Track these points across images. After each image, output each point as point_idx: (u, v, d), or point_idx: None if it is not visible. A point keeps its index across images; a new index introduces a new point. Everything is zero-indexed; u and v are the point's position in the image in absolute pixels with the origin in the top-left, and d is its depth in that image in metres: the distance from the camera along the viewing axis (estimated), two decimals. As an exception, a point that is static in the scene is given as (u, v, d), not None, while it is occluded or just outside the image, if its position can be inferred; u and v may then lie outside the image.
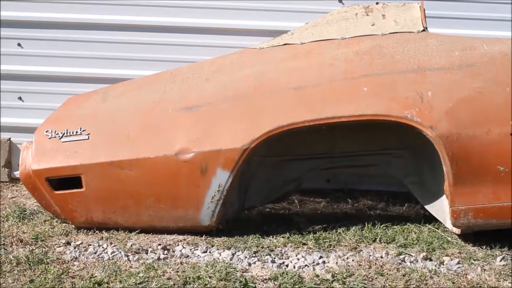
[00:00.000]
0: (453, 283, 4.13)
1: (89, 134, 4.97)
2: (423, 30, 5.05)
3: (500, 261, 4.53)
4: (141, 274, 4.19)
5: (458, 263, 4.49)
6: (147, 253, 4.58)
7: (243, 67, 5.14)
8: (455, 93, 4.65)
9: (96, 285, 4.08)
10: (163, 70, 5.51)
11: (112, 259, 4.49)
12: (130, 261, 4.45)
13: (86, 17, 6.33)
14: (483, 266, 4.44)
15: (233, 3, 6.31)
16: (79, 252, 4.61)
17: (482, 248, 4.74)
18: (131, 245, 4.67)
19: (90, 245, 4.72)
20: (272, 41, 5.29)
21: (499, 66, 4.72)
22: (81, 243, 4.75)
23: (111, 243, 4.74)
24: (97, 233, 4.94)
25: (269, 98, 4.89)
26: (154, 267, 4.32)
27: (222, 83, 5.06)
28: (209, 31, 6.32)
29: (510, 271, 4.34)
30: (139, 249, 4.63)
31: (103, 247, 4.66)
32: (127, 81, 5.52)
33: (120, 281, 4.13)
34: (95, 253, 4.60)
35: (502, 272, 4.32)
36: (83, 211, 4.95)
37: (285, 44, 5.19)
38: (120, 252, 4.57)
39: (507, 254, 4.65)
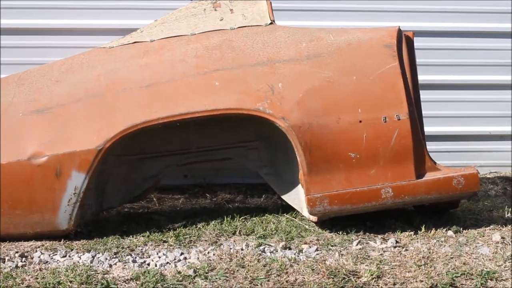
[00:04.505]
0: (313, 269, 4.20)
1: None
2: (271, 23, 5.13)
3: (356, 245, 4.65)
4: (-2, 284, 4.09)
5: (317, 249, 4.58)
6: (4, 262, 4.45)
7: (93, 66, 5.07)
8: (304, 84, 4.74)
9: (-49, 299, 3.96)
10: (10, 73, 5.37)
11: (-33, 270, 4.35)
12: (-14, 271, 4.33)
13: None
14: (340, 251, 4.55)
15: (80, 3, 6.25)
16: None
17: (339, 234, 4.86)
18: (-13, 255, 4.55)
19: None
20: (121, 39, 5.25)
21: (345, 55, 4.84)
22: None
23: (-35, 255, 4.59)
24: (-50, 245, 4.78)
25: (122, 97, 4.85)
26: (12, 275, 4.20)
27: (72, 84, 4.97)
28: (56, 32, 6.24)
29: (365, 254, 4.47)
30: (-5, 258, 4.52)
31: (-44, 260, 4.52)
32: (-27, 86, 5.35)
33: (-23, 293, 4.02)
34: (-51, 266, 4.45)
35: (358, 255, 4.43)
36: None
37: (135, 42, 5.16)
38: (-24, 263, 4.44)
39: (363, 238, 4.79)
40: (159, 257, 4.51)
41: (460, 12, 6.67)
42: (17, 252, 4.58)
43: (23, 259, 4.50)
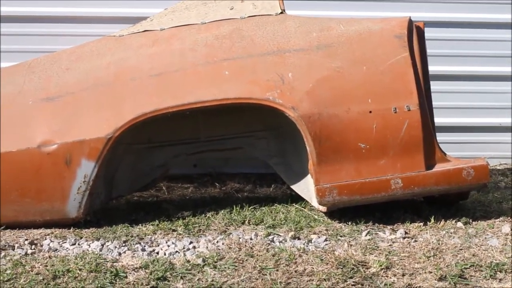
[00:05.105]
0: (322, 260, 4.20)
1: None
2: (281, 13, 5.11)
3: (365, 235, 4.65)
4: (8, 271, 4.08)
5: (326, 240, 4.58)
6: (14, 249, 4.47)
7: (103, 55, 5.07)
8: (314, 74, 4.73)
9: (-39, 285, 3.97)
10: (20, 61, 5.36)
11: (-23, 257, 4.36)
12: (-4, 258, 4.34)
13: None
14: (349, 241, 4.54)
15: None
16: None
17: (348, 224, 4.85)
18: (-3, 242, 4.56)
19: (-46, 245, 4.57)
20: (131, 28, 5.24)
21: (355, 45, 4.83)
22: None
23: (-25, 242, 4.61)
24: (-40, 232, 4.80)
25: (131, 86, 4.85)
26: (21, 263, 4.21)
27: (82, 72, 4.98)
28: (66, 20, 6.24)
29: (374, 245, 4.47)
30: (5, 245, 4.51)
31: (-34, 246, 4.53)
32: (-17, 74, 5.36)
33: (-14, 280, 4.03)
34: (-41, 253, 4.46)
35: (367, 246, 4.42)
36: None
37: (145, 31, 5.16)
38: (-15, 250, 4.45)
39: (372, 229, 4.78)
40: (168, 246, 4.51)
41: (460, 3, 6.63)
42: (26, 239, 4.60)
43: (33, 246, 4.51)
